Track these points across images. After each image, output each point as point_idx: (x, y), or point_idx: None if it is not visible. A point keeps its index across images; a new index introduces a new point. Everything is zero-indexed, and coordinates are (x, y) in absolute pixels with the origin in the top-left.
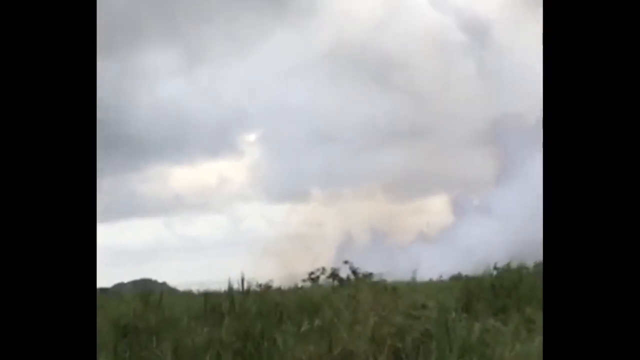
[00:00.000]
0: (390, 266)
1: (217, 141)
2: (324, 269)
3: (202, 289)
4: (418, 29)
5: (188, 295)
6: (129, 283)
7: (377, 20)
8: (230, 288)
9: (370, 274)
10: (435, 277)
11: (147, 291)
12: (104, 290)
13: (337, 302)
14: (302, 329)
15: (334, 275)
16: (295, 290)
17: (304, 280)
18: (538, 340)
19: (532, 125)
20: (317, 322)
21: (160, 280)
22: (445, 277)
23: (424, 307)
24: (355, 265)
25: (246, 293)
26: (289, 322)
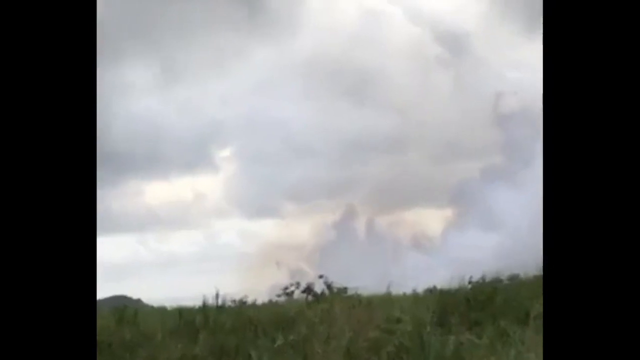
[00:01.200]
0: (367, 279)
1: (193, 156)
2: (298, 284)
3: (176, 304)
4: (395, 42)
5: (162, 311)
6: (103, 299)
7: (354, 33)
8: (205, 303)
9: (345, 288)
10: (409, 291)
11: (121, 307)
12: None
13: (312, 316)
14: (277, 343)
15: (308, 289)
16: (270, 305)
17: (278, 295)
18: (513, 353)
19: (511, 135)
20: (291, 336)
21: (134, 297)
22: (420, 290)
23: (398, 321)
24: (331, 279)
25: (221, 308)
26: (264, 337)
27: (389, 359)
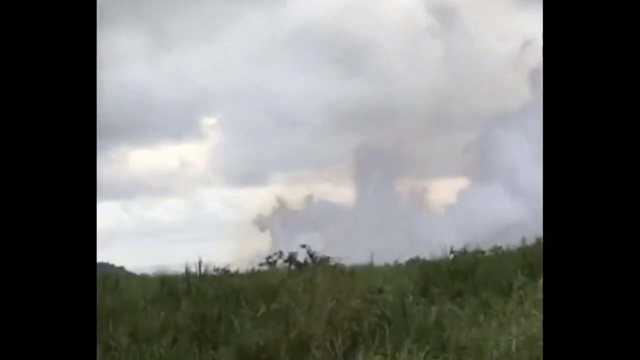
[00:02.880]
0: (349, 250)
1: (180, 124)
2: (281, 253)
3: (159, 272)
4: (386, 12)
5: (145, 279)
6: None
7: (345, 3)
8: (188, 272)
9: (328, 258)
10: (391, 261)
11: (104, 275)
12: None
13: (294, 286)
14: (259, 312)
15: (291, 259)
16: (253, 274)
17: (261, 265)
18: (494, 324)
19: (499, 109)
20: (274, 305)
21: (117, 264)
22: (402, 261)
23: (380, 291)
24: (314, 249)
25: (203, 277)
26: (246, 306)
27: (370, 328)
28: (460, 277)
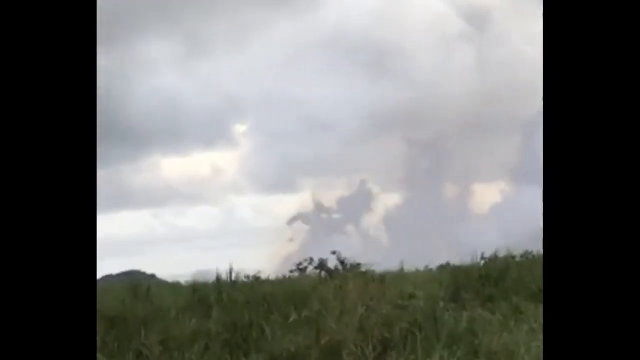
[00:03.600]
0: (380, 257)
1: (211, 131)
2: (311, 259)
3: (190, 280)
4: (417, 17)
5: (176, 286)
6: (118, 274)
7: (377, 9)
8: (218, 279)
9: (358, 265)
10: (422, 267)
11: (135, 283)
12: None
13: (325, 292)
14: (290, 319)
15: (321, 265)
16: (283, 280)
17: (291, 271)
18: (525, 329)
19: (529, 113)
20: (304, 312)
21: (148, 272)
22: (433, 266)
23: (411, 296)
24: (344, 255)
25: (234, 284)
26: (277, 312)
27: (401, 334)
28: (491, 282)
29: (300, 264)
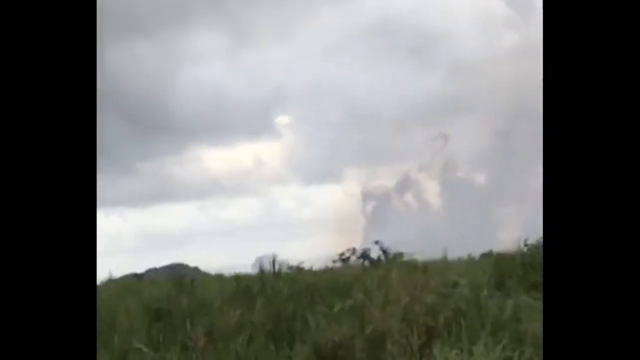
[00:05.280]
0: (424, 245)
1: (255, 123)
2: (354, 250)
3: (234, 272)
4: (462, 4)
5: (220, 278)
6: (161, 268)
7: None
8: (262, 270)
9: (401, 254)
10: (465, 255)
11: (179, 275)
12: (137, 275)
13: (369, 282)
14: (334, 309)
15: (364, 255)
16: (326, 271)
17: (334, 261)
18: None
19: None
20: (348, 302)
21: (192, 265)
22: (476, 254)
23: (455, 285)
24: (387, 245)
25: (278, 275)
26: (321, 303)
27: (446, 323)
28: (535, 269)
29: (343, 254)
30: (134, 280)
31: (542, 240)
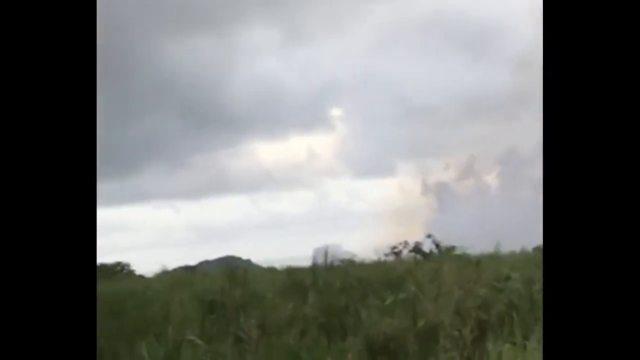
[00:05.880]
0: (478, 238)
1: (308, 116)
2: (406, 243)
3: (286, 265)
4: None
5: (272, 271)
6: (214, 260)
7: None
8: (314, 263)
9: (453, 247)
10: (518, 249)
11: (231, 268)
12: (189, 267)
13: (421, 275)
14: (386, 302)
15: (417, 249)
16: (378, 264)
17: (386, 255)
18: None
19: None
20: (401, 295)
21: (244, 257)
22: (529, 248)
23: (507, 278)
24: (440, 238)
25: (330, 268)
26: (373, 296)
27: (498, 317)
28: None
29: (395, 247)
30: (186, 273)
31: None
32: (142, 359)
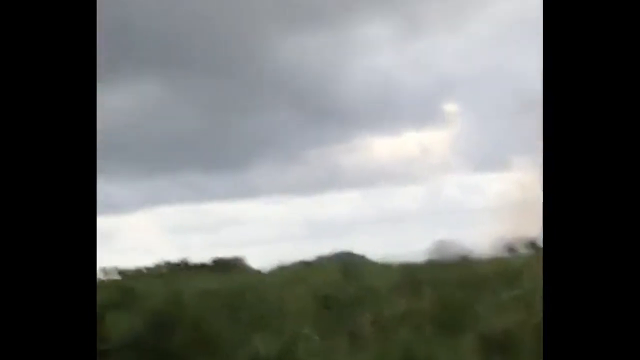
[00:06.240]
0: None
1: (422, 111)
2: (523, 239)
3: (400, 260)
4: None
5: (386, 266)
6: (329, 256)
7: None
8: (429, 259)
9: None
10: None
11: (345, 264)
12: (306, 262)
13: (537, 271)
14: (502, 298)
15: (533, 244)
16: (494, 260)
17: (502, 250)
18: None
19: None
20: (516, 291)
21: (359, 253)
22: None
23: None
24: None
25: (444, 264)
26: (488, 291)
27: None
28: None
29: (511, 243)
30: (303, 268)
31: None
32: (258, 351)
